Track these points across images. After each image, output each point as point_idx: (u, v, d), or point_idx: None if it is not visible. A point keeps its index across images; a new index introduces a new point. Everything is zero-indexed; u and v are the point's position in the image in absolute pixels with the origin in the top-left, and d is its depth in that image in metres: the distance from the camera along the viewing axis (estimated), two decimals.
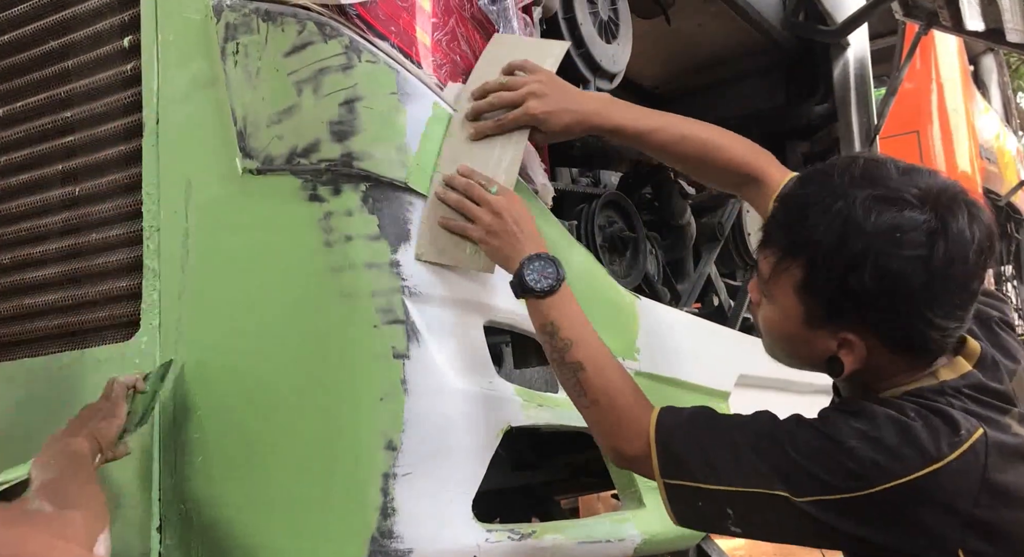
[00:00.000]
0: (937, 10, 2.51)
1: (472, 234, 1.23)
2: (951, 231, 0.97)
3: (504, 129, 1.29)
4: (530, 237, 1.22)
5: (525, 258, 1.19)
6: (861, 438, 0.97)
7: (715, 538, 2.20)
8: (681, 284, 2.33)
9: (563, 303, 1.19)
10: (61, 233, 1.48)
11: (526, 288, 1.19)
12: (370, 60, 1.23)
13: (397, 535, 1.14)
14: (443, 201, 1.24)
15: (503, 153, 1.29)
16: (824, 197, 1.01)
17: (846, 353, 1.04)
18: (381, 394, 1.17)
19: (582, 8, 1.77)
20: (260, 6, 1.26)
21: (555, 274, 1.18)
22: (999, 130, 7.17)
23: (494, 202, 1.22)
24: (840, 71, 2.76)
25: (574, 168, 2.10)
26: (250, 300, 1.26)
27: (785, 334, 1.09)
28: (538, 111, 1.29)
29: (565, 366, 1.18)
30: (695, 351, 1.81)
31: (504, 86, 1.30)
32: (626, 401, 1.15)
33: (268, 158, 1.25)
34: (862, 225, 0.98)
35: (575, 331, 1.18)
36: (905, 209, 0.98)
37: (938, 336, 1.01)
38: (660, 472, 1.09)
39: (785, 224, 1.06)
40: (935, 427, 0.97)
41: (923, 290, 0.97)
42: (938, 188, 1.00)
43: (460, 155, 1.27)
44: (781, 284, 1.06)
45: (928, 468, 0.95)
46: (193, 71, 1.32)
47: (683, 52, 2.74)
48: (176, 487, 1.27)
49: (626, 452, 1.14)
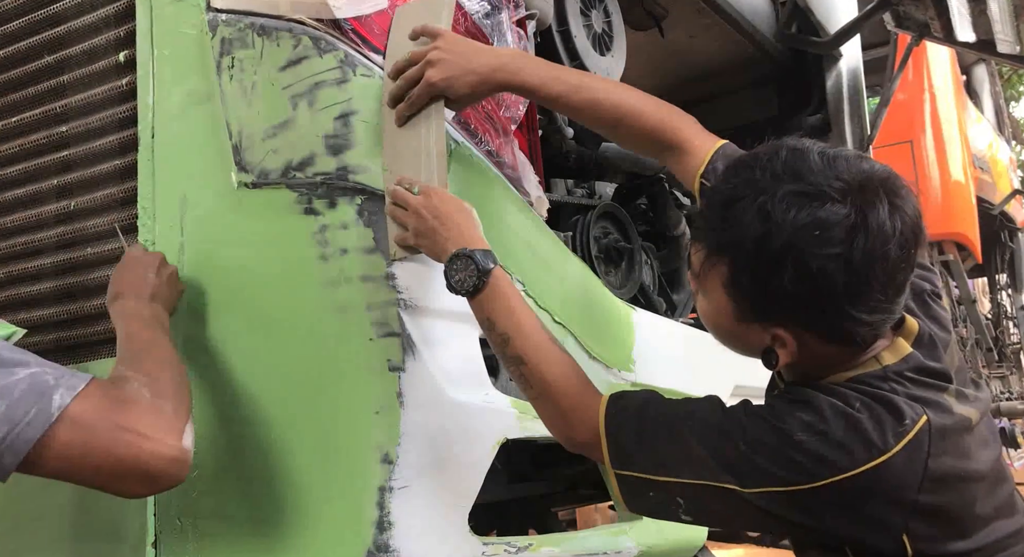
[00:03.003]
0: (928, 21, 2.53)
1: (409, 242, 1.19)
2: (871, 225, 0.95)
3: (416, 107, 1.22)
4: (453, 231, 1.16)
5: (448, 256, 1.14)
6: (808, 431, 0.97)
7: (713, 547, 2.19)
8: (677, 294, 2.34)
9: (495, 297, 1.14)
10: (56, 247, 1.48)
11: (453, 289, 1.15)
12: (365, 74, 1.23)
13: (393, 549, 1.14)
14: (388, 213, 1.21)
15: (428, 134, 1.21)
16: (746, 193, 1.00)
17: (779, 347, 1.03)
18: (377, 407, 1.17)
19: (576, 21, 1.78)
20: (255, 21, 1.27)
21: (476, 270, 1.12)
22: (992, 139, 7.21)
23: (413, 203, 1.17)
24: (833, 82, 2.78)
25: (569, 179, 2.10)
26: (245, 314, 1.26)
27: (720, 327, 1.09)
28: (437, 79, 1.20)
29: (507, 360, 1.14)
30: (691, 362, 1.81)
31: (409, 62, 1.23)
32: (572, 391, 1.12)
33: (263, 172, 1.25)
34: (781, 223, 0.96)
35: (512, 325, 1.13)
36: (826, 204, 0.96)
37: (865, 330, 1.00)
38: (610, 463, 1.09)
39: (709, 220, 1.05)
40: (880, 418, 0.97)
41: (846, 288, 0.96)
42: (862, 178, 0.97)
43: (397, 146, 1.23)
44: (711, 279, 1.05)
45: (874, 461, 0.95)
46: (188, 86, 1.33)
47: (677, 64, 2.76)
48: (171, 501, 1.27)
49: (576, 440, 1.13)
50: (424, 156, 1.21)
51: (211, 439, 1.26)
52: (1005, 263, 7.73)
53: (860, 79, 2.85)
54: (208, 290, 1.30)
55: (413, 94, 1.22)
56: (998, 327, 7.51)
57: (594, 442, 1.10)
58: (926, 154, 5.65)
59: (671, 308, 2.29)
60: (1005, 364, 7.29)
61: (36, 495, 1.41)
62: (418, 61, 1.22)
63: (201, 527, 1.26)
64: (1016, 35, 2.62)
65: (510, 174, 1.44)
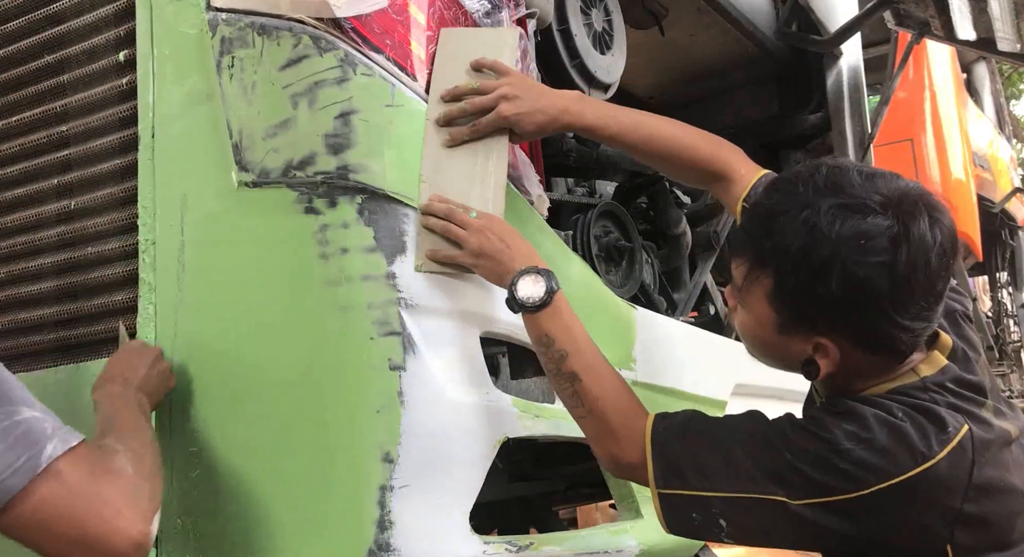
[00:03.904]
0: (929, 19, 2.52)
1: (462, 260, 1.23)
2: (913, 236, 0.99)
3: (479, 134, 1.29)
4: (519, 252, 1.22)
5: (515, 274, 1.20)
6: (853, 440, 0.99)
7: (713, 547, 2.19)
8: (677, 293, 2.34)
9: (557, 315, 1.19)
10: (57, 247, 1.47)
11: (519, 303, 1.19)
12: (365, 73, 1.23)
13: (395, 548, 1.14)
14: (428, 228, 1.25)
15: (486, 161, 1.29)
16: (789, 207, 1.03)
17: (820, 356, 1.06)
18: (377, 406, 1.17)
19: (576, 20, 1.78)
20: (256, 20, 1.27)
21: (546, 286, 1.19)
22: (992, 137, 7.21)
23: (476, 224, 1.23)
24: (833, 80, 2.78)
25: (569, 178, 2.11)
26: (246, 313, 1.26)
27: (761, 339, 1.12)
28: (510, 113, 1.29)
29: (561, 377, 1.18)
30: (692, 361, 1.81)
31: (476, 90, 1.30)
32: (622, 409, 1.15)
33: (264, 171, 1.25)
34: (827, 233, 1.00)
35: (570, 342, 1.18)
36: (868, 216, 1.00)
37: (907, 337, 1.03)
38: (654, 482, 1.10)
39: (753, 234, 1.08)
40: (923, 426, 0.99)
41: (889, 294, 0.99)
42: (900, 193, 1.02)
43: (442, 164, 1.28)
44: (753, 292, 1.08)
45: (920, 467, 0.97)
46: (189, 85, 1.33)
47: (677, 63, 2.75)
48: (173, 501, 1.27)
49: (622, 460, 1.14)
50: (480, 182, 1.27)
51: (211, 439, 1.26)
52: (1006, 261, 7.73)
53: (861, 77, 2.85)
54: (208, 289, 1.30)
55: (481, 122, 1.28)
56: (999, 325, 7.52)
57: (639, 462, 1.12)
58: (927, 152, 5.65)
59: (672, 307, 2.29)
60: (1006, 362, 7.30)
61: None
62: (487, 91, 1.29)
63: (202, 527, 1.26)
64: (1017, 33, 2.62)
65: (510, 173, 1.44)
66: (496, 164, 1.29)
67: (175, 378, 1.27)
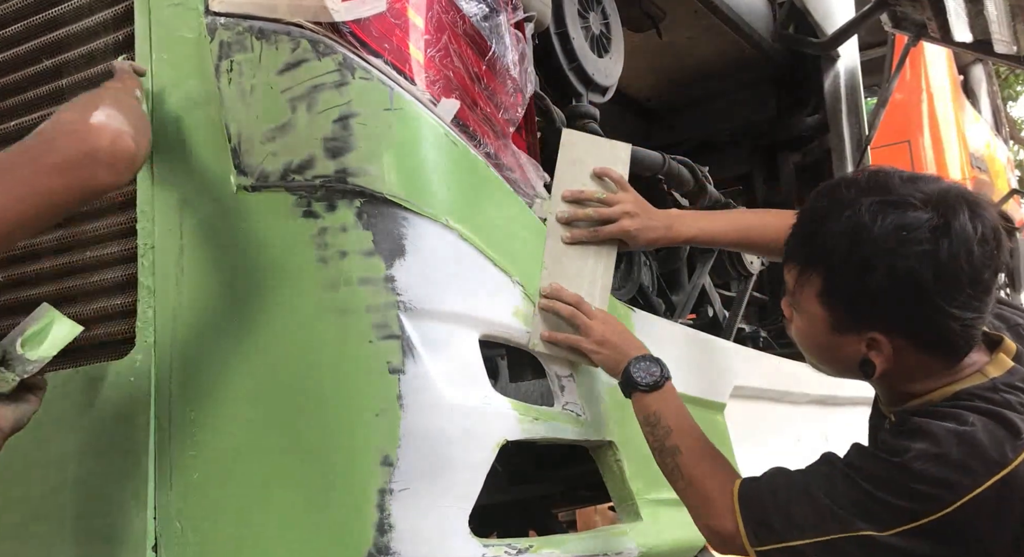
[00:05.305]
0: (926, 22, 2.53)
1: (585, 346, 1.36)
2: (954, 227, 1.02)
3: (599, 239, 1.46)
4: (633, 343, 1.37)
5: (632, 359, 1.33)
6: (924, 459, 0.99)
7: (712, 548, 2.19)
8: (676, 296, 2.34)
9: (666, 396, 1.31)
10: (55, 251, 1.47)
11: (633, 384, 1.31)
12: (364, 77, 1.23)
13: (394, 551, 1.14)
14: (552, 310, 1.37)
15: (596, 263, 1.46)
16: (834, 208, 1.08)
17: (875, 354, 1.08)
18: (377, 410, 1.17)
19: (574, 23, 1.79)
20: (254, 24, 1.27)
21: (659, 372, 1.33)
22: (989, 139, 7.22)
23: (600, 316, 1.39)
24: (831, 82, 2.79)
25: None
26: (245, 317, 1.26)
27: (817, 343, 1.15)
28: (631, 228, 1.45)
29: (665, 451, 1.27)
30: (690, 363, 1.81)
31: (602, 200, 1.46)
32: (716, 479, 1.21)
33: (262, 175, 1.25)
34: (870, 229, 1.04)
35: (675, 420, 1.29)
36: (909, 211, 1.03)
37: (958, 327, 1.04)
38: (749, 543, 1.13)
39: (801, 237, 1.14)
40: (995, 433, 1.00)
41: (935, 284, 1.02)
42: (941, 191, 1.06)
43: (562, 256, 1.44)
44: (805, 294, 1.12)
45: (997, 476, 0.98)
46: (187, 89, 1.33)
47: (675, 65, 2.76)
48: (171, 504, 1.27)
49: (720, 531, 1.18)
50: (589, 281, 1.44)
51: (211, 442, 1.26)
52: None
53: (858, 79, 2.85)
54: (207, 293, 1.30)
55: (603, 230, 1.45)
56: None
57: (734, 529, 1.15)
58: (924, 154, 5.66)
59: (670, 309, 2.29)
60: None
61: (36, 497, 1.41)
62: (612, 204, 1.46)
63: (201, 530, 1.26)
64: (1013, 35, 2.63)
65: (509, 176, 1.44)
66: (606, 266, 1.47)
67: None
